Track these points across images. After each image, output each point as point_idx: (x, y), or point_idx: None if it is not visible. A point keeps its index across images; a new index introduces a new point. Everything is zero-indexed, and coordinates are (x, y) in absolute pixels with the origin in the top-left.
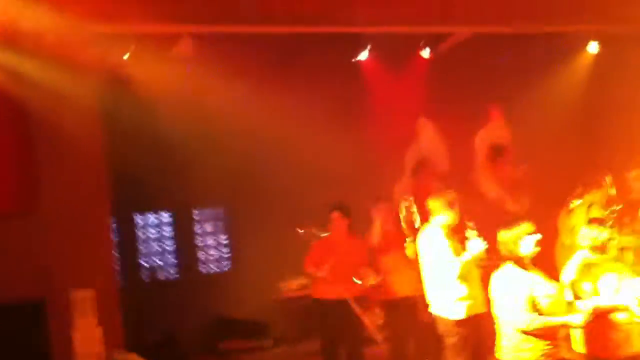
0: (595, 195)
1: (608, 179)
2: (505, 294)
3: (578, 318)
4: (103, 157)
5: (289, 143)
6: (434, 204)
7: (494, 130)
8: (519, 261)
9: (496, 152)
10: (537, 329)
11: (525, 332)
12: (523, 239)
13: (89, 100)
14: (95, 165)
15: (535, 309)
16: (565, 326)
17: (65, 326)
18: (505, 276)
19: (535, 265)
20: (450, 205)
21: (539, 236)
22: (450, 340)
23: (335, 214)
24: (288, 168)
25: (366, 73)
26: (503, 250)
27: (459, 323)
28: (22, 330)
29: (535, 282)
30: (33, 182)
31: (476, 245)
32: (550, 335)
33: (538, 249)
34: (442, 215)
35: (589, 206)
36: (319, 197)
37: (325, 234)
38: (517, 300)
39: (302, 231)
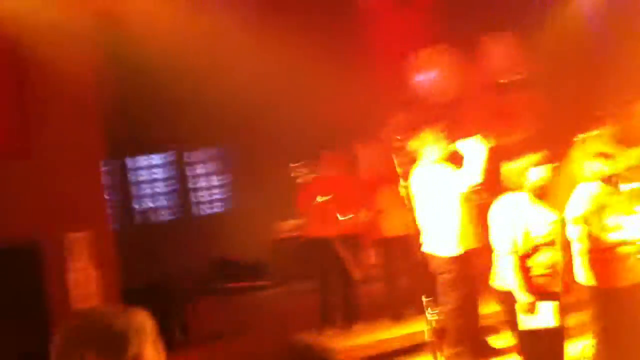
0: (605, 129)
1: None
2: (500, 224)
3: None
4: (97, 98)
5: (284, 83)
6: (423, 138)
7: (495, 60)
8: (522, 192)
9: (497, 83)
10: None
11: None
12: (529, 170)
13: (84, 40)
14: (89, 107)
15: (529, 241)
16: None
17: (61, 269)
18: (503, 206)
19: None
20: (439, 137)
21: (547, 166)
22: (444, 277)
23: (326, 153)
24: (283, 108)
25: (362, 7)
26: (508, 183)
27: (453, 260)
28: (17, 272)
29: (533, 214)
30: (26, 124)
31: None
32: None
33: (547, 177)
34: (432, 149)
35: (597, 139)
36: (315, 137)
37: (314, 175)
38: (509, 232)
39: (296, 166)
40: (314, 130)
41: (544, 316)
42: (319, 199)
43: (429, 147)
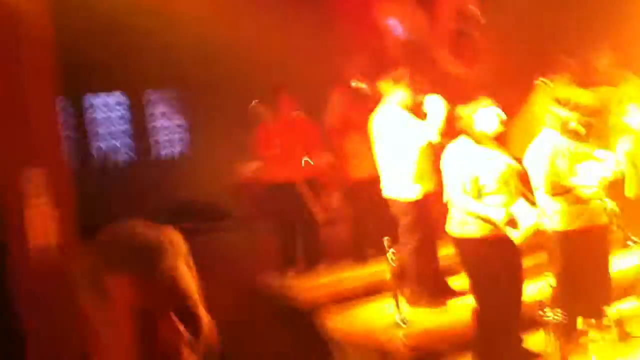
0: (560, 76)
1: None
2: (451, 169)
3: (510, 231)
4: (50, 32)
5: (243, 21)
6: (385, 83)
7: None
8: (473, 136)
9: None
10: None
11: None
12: (480, 112)
13: None
14: (41, 40)
15: (479, 188)
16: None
17: (18, 206)
18: (454, 150)
19: (497, 142)
20: (401, 82)
21: (497, 110)
22: (404, 220)
23: (283, 94)
24: (241, 49)
25: None
26: (460, 125)
27: (411, 204)
28: None
29: (483, 159)
30: None
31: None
32: None
33: (499, 126)
34: (395, 93)
35: (559, 84)
36: (272, 78)
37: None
38: (459, 177)
39: (254, 105)
40: (273, 71)
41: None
42: (283, 142)
43: (392, 91)
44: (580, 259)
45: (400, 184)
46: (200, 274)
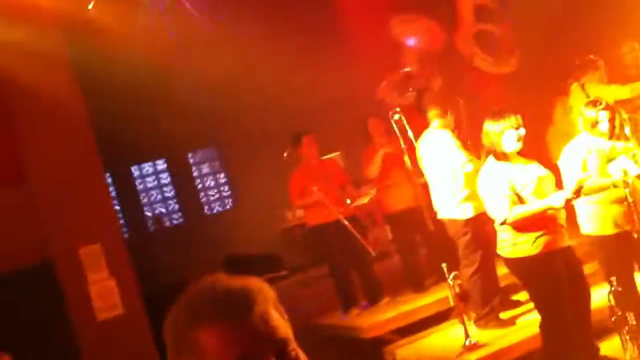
0: (591, 76)
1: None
2: (488, 189)
3: (557, 197)
4: (85, 113)
5: (266, 75)
6: (432, 111)
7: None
8: (500, 155)
9: (481, 13)
10: (522, 219)
11: (513, 226)
12: (506, 133)
13: (61, 56)
14: (78, 122)
15: (520, 200)
16: (550, 211)
17: (79, 283)
18: (486, 171)
19: (524, 156)
20: (447, 111)
21: (523, 132)
22: (463, 240)
23: (307, 138)
24: (273, 100)
25: None
26: (486, 141)
27: (468, 222)
28: (35, 294)
29: (516, 173)
30: (15, 151)
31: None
32: (543, 224)
33: (520, 145)
34: (435, 115)
35: (583, 86)
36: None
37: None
38: (498, 193)
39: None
40: (300, 116)
41: None
42: (314, 188)
43: (437, 116)
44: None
45: (453, 205)
46: None
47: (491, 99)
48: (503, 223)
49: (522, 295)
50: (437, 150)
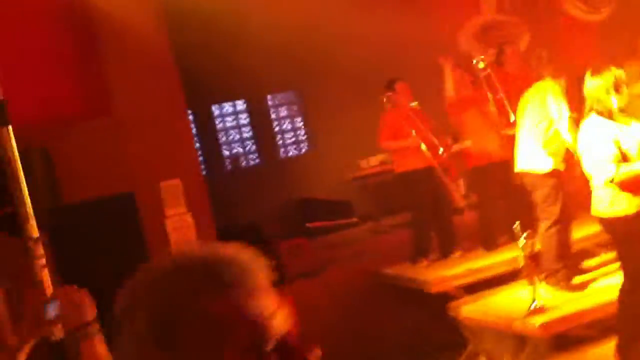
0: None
1: None
2: (591, 146)
3: None
4: (170, 49)
5: (353, 20)
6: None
7: None
8: (604, 112)
9: None
10: (628, 178)
11: (618, 184)
12: (609, 89)
13: None
14: (163, 58)
15: (625, 160)
16: None
17: (157, 216)
18: (590, 128)
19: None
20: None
21: (625, 88)
22: (542, 193)
23: (400, 84)
24: (352, 44)
25: None
26: (588, 96)
27: (548, 174)
28: (117, 222)
29: (622, 132)
30: (100, 82)
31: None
32: None
33: (624, 101)
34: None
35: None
36: (388, 73)
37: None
38: (603, 151)
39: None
40: (385, 63)
41: None
42: (412, 131)
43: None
44: None
45: (534, 157)
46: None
47: (581, 49)
48: (611, 181)
49: (593, 262)
50: (540, 99)
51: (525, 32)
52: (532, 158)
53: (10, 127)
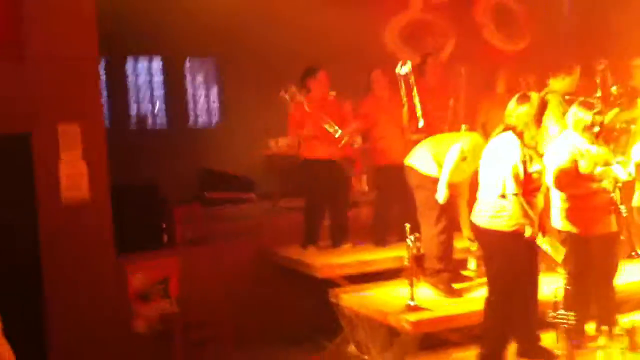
0: (562, 82)
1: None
2: (501, 160)
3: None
4: None
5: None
6: None
7: None
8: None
9: None
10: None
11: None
12: (523, 111)
13: None
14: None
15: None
16: None
17: (52, 159)
18: (504, 143)
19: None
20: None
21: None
22: (422, 194)
23: (320, 75)
24: (283, 22)
25: None
26: (510, 119)
27: (431, 179)
28: (8, 161)
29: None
30: (15, 17)
31: None
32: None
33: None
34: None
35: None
36: (309, 59)
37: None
38: (511, 167)
39: (286, 95)
40: (312, 46)
41: None
42: (322, 122)
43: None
44: (593, 264)
45: (425, 159)
46: (223, 241)
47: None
48: (502, 196)
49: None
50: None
51: (450, 38)
52: (422, 159)
53: None
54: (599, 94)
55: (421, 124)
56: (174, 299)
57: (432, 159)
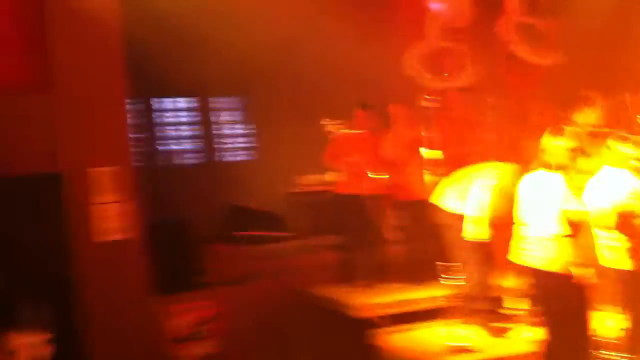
0: (585, 114)
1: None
2: (549, 199)
3: None
4: (120, 34)
5: (314, 36)
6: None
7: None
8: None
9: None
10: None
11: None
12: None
13: None
14: (112, 42)
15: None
16: None
17: (83, 202)
18: (548, 182)
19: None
20: None
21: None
22: (451, 234)
23: (360, 111)
24: (310, 62)
25: None
26: (548, 158)
27: (455, 215)
28: (39, 202)
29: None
30: (45, 57)
31: None
32: None
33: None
34: None
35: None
36: (341, 94)
37: (346, 130)
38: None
39: (327, 123)
40: (338, 88)
41: None
42: (353, 156)
43: None
44: None
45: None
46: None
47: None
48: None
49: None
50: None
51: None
52: (447, 196)
53: None
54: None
55: (441, 156)
56: (214, 340)
57: (457, 195)
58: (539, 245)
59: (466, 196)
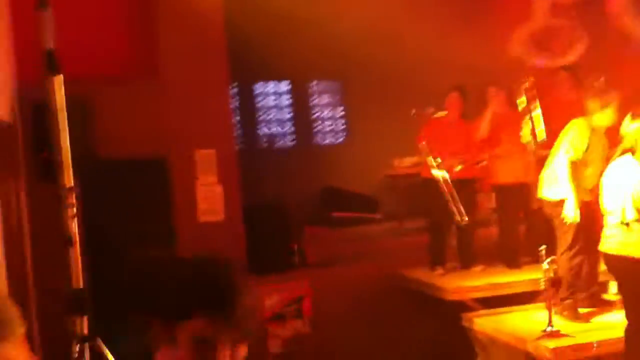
0: None
1: None
2: (622, 184)
3: None
4: (222, 21)
5: (411, 23)
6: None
7: None
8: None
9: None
10: None
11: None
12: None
13: None
14: (215, 29)
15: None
16: None
17: (188, 183)
18: (626, 167)
19: None
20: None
21: None
22: (557, 220)
23: (454, 94)
24: (408, 48)
25: None
26: (626, 143)
27: (560, 203)
28: (147, 185)
29: None
30: (151, 45)
31: None
32: None
33: None
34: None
35: None
36: (436, 79)
37: (441, 114)
38: (625, 195)
39: (414, 112)
40: (437, 73)
41: None
42: (447, 140)
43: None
44: None
45: (551, 186)
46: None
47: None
48: (626, 224)
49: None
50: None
51: (581, 38)
52: (549, 187)
53: (61, 76)
54: None
55: (543, 137)
56: (307, 320)
57: (558, 182)
58: (616, 231)
59: (559, 180)
